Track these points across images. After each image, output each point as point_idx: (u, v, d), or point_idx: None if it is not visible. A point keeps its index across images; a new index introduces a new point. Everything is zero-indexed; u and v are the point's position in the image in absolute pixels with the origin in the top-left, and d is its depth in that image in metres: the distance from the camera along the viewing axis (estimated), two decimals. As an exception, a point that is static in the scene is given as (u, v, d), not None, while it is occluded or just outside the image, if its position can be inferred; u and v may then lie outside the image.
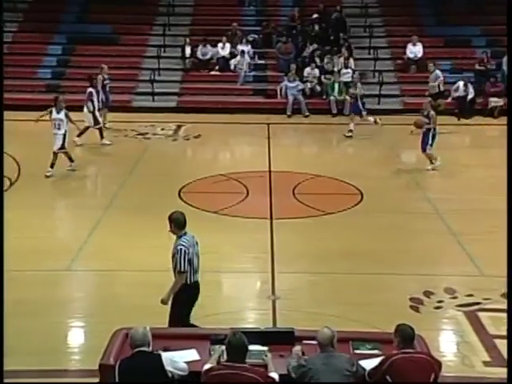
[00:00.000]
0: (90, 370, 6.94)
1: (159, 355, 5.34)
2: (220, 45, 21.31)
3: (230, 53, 21.25)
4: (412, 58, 20.92)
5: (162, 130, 17.66)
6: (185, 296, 7.10)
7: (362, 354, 5.80)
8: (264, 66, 21.65)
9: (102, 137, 16.00)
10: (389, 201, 12.49)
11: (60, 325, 8.21)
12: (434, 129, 14.01)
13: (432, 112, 14.06)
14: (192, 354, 5.82)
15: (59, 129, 13.45)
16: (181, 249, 7.00)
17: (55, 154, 13.42)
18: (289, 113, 19.39)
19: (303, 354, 5.65)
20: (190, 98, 20.18)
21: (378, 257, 9.99)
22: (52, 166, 13.34)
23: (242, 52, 20.92)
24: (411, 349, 5.42)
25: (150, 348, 5.36)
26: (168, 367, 5.30)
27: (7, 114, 17.33)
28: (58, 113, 13.55)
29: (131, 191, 12.86)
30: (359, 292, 8.90)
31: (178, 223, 7.13)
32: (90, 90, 16.17)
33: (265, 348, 5.81)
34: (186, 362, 5.54)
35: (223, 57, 21.21)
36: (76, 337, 8.12)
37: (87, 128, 15.87)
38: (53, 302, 8.72)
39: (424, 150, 14.01)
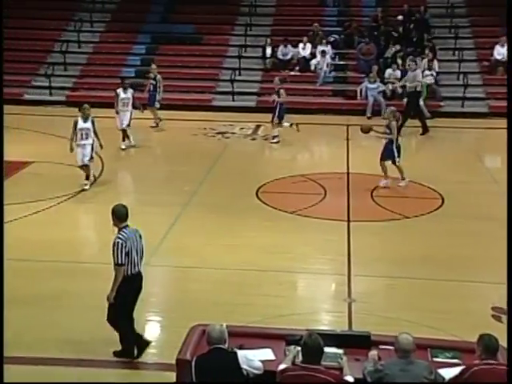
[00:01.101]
0: (167, 364, 7.10)
1: (235, 353, 5.37)
2: (301, 45, 21.31)
3: (311, 53, 21.20)
4: (499, 60, 20.31)
5: (241, 129, 17.80)
6: (124, 289, 7.01)
7: (441, 363, 5.66)
8: (344, 66, 21.52)
9: (123, 139, 15.61)
10: (470, 206, 12.15)
11: (138, 318, 8.36)
12: (397, 140, 12.88)
13: (393, 122, 12.77)
14: (267, 354, 5.83)
15: (87, 138, 12.61)
16: (118, 242, 6.91)
17: (85, 166, 12.67)
18: (368, 114, 19.17)
19: (379, 358, 5.57)
20: (269, 97, 20.22)
21: (458, 263, 9.74)
22: (87, 177, 12.71)
23: (323, 52, 20.84)
24: (494, 360, 5.25)
25: (226, 345, 5.41)
26: (244, 365, 5.33)
27: (94, 111, 17.95)
28: (84, 122, 12.67)
29: (210, 189, 13.01)
30: (437, 299, 8.69)
31: (118, 216, 7.03)
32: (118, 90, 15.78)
33: (340, 351, 5.76)
34: (260, 361, 5.56)
35: (304, 57, 21.20)
36: (153, 330, 8.26)
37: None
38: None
39: (393, 162, 12.91)
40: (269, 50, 21.43)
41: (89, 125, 12.61)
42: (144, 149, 15.83)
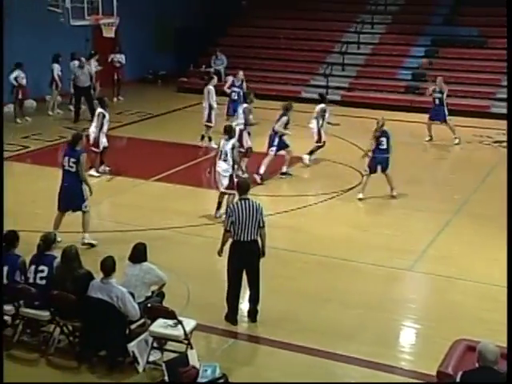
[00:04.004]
0: (420, 373, 6.90)
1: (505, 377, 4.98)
2: None
3: None
4: None
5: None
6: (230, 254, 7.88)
7: None
8: None
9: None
10: None
11: (395, 322, 8.27)
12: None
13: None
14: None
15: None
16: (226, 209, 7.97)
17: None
18: None
19: None
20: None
21: None
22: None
23: None
24: None
25: (497, 367, 5.02)
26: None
27: (366, 113, 18.16)
28: (226, 141, 10.90)
29: (482, 199, 12.38)
30: None
31: (241, 188, 8.07)
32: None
33: None
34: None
35: None
36: (408, 337, 8.08)
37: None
38: (391, 298, 8.83)
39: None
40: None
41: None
42: (415, 152, 15.56)
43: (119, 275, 7.27)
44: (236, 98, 16.71)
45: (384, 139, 12.00)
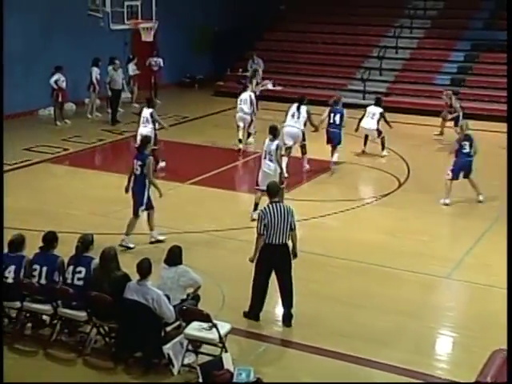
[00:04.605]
0: (457, 383, 6.81)
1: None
2: None
3: None
4: None
5: None
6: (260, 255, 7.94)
7: None
8: None
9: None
10: None
11: (432, 330, 8.18)
12: None
13: None
14: None
15: None
16: (259, 213, 8.01)
17: None
18: None
19: None
20: None
21: None
22: None
23: None
24: None
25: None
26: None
27: (403, 118, 18.02)
28: (271, 141, 11.34)
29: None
30: None
31: (270, 192, 8.11)
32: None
33: None
34: None
35: None
36: (445, 345, 7.98)
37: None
38: (428, 305, 8.74)
39: None
40: None
41: None
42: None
43: (155, 278, 7.32)
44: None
45: (467, 143, 12.01)
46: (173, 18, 21.22)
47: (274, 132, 11.03)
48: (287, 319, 7.96)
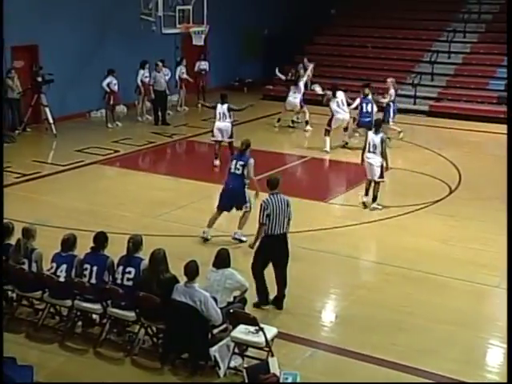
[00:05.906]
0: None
1: None
2: None
3: None
4: None
5: None
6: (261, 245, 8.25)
7: None
8: None
9: None
10: None
11: (482, 340, 8.03)
12: None
13: None
14: None
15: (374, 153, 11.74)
16: (261, 204, 8.21)
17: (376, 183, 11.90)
18: None
19: None
20: None
21: None
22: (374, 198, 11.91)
23: None
24: None
25: None
26: None
27: (455, 123, 17.74)
28: (375, 134, 11.76)
29: None
30: None
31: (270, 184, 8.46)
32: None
33: None
34: None
35: None
36: (496, 356, 7.79)
37: None
38: (478, 315, 8.58)
39: None
40: None
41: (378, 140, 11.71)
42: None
43: (202, 280, 7.36)
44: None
45: None
46: (223, 22, 21.35)
47: (379, 125, 11.89)
48: (280, 303, 8.29)
